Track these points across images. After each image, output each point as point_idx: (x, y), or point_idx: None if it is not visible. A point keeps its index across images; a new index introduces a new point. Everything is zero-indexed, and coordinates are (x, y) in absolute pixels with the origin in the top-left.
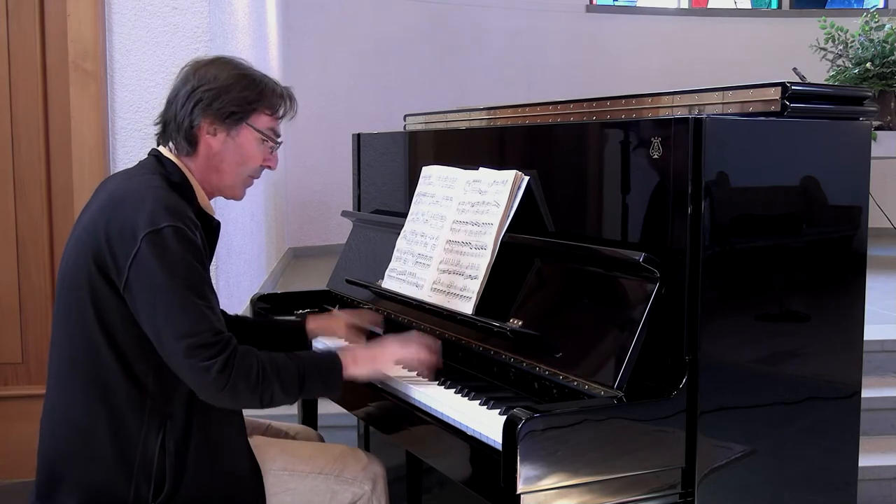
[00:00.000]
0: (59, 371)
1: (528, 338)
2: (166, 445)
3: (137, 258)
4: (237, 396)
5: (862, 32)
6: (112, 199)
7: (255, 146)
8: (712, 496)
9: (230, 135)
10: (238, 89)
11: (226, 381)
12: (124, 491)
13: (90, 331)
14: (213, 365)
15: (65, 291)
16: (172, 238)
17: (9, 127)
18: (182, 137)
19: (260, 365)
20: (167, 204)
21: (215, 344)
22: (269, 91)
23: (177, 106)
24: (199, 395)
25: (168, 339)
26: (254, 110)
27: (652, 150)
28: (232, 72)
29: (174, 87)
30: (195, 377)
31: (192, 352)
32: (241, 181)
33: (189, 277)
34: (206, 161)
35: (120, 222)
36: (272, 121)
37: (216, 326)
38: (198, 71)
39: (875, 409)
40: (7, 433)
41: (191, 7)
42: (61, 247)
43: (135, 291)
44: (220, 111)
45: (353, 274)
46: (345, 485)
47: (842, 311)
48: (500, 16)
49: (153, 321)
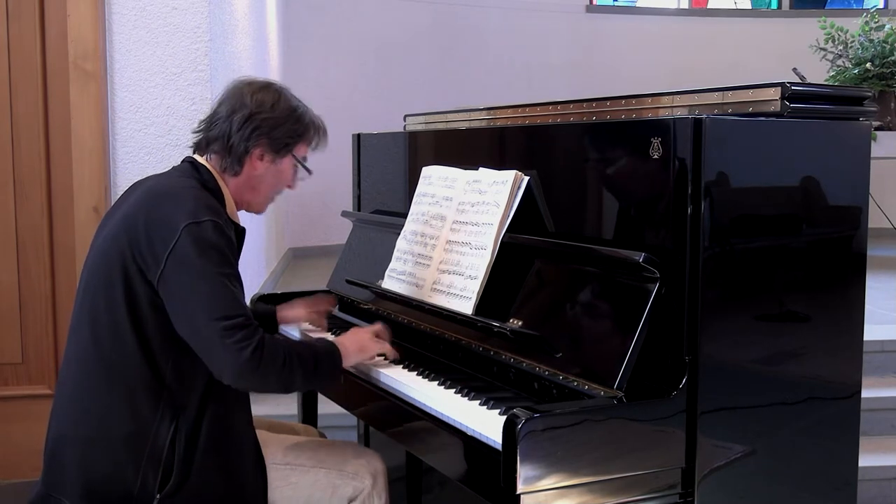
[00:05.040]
0: (82, 354)
1: (528, 338)
2: (177, 437)
3: (176, 247)
4: (266, 379)
5: (862, 32)
6: (152, 195)
7: (291, 172)
8: (712, 496)
9: (275, 162)
10: (291, 122)
11: (258, 362)
12: (131, 479)
13: (117, 317)
14: (249, 345)
15: (94, 279)
16: (211, 230)
17: (9, 127)
18: (233, 158)
19: (286, 351)
20: (207, 203)
21: (249, 326)
22: (314, 126)
23: (231, 127)
24: (229, 376)
25: (204, 322)
26: (299, 142)
27: (652, 151)
28: (287, 104)
29: (228, 106)
30: (230, 357)
31: (228, 332)
32: (269, 200)
33: (225, 265)
34: (247, 181)
35: (160, 215)
36: (308, 151)
37: (248, 312)
38: (254, 95)
39: (875, 409)
40: (7, 433)
41: (191, 7)
42: (61, 247)
43: (171, 280)
44: (276, 141)
45: (353, 274)
46: (346, 479)
47: (842, 311)
48: (501, 16)
49: (189, 306)
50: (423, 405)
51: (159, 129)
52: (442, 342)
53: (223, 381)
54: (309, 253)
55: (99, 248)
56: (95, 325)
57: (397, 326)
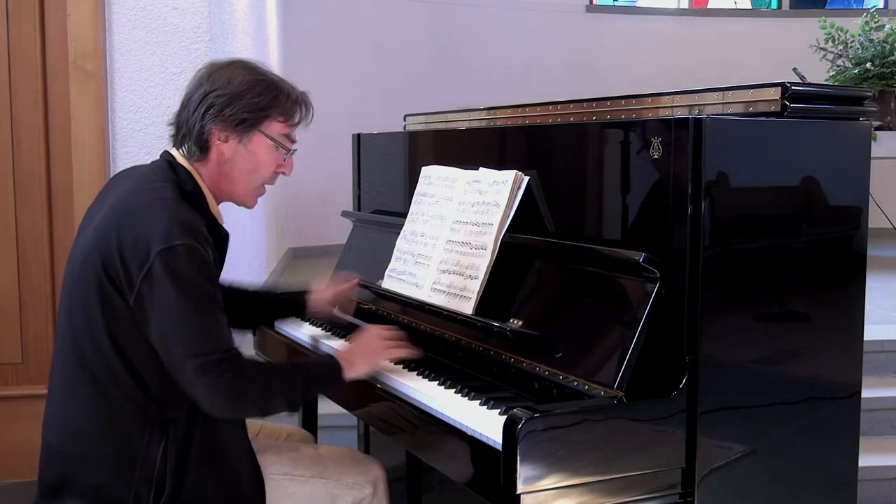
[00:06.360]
0: (64, 372)
1: (528, 338)
2: (168, 451)
3: (150, 274)
4: (243, 410)
5: (862, 32)
6: (126, 208)
7: (267, 153)
8: (712, 496)
9: (241, 142)
10: (251, 95)
11: (235, 396)
12: (124, 495)
13: (97, 334)
14: (221, 382)
15: (72, 295)
16: (185, 257)
17: (9, 127)
18: (193, 143)
19: (266, 380)
20: (181, 219)
21: (223, 361)
22: (284, 97)
23: (189, 110)
24: (207, 409)
25: (178, 358)
26: (266, 117)
27: (652, 151)
28: (246, 76)
29: (188, 90)
30: (205, 394)
31: (201, 369)
32: (252, 189)
33: (200, 297)
34: (218, 167)
35: (134, 234)
36: (286, 127)
37: (225, 344)
38: (212, 74)
39: (875, 409)
40: (7, 433)
41: (191, 7)
42: (61, 247)
43: (146, 307)
44: (231, 118)
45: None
46: (345, 489)
47: (842, 311)
48: (500, 16)
49: (163, 339)
50: (423, 405)
51: (159, 129)
52: (442, 342)
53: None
54: (309, 253)
55: (74, 262)
56: (77, 343)
57: (397, 326)
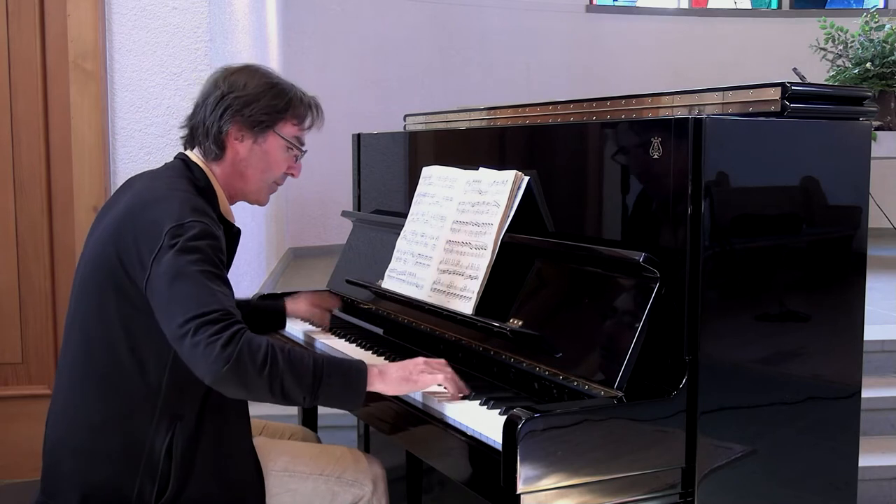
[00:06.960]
0: (73, 365)
1: (528, 338)
2: (174, 446)
3: (160, 252)
4: (244, 378)
5: (862, 32)
6: (140, 201)
7: (280, 153)
8: (712, 496)
9: (257, 142)
10: (267, 98)
11: (230, 356)
12: (128, 489)
13: (110, 327)
14: (218, 340)
15: (85, 288)
16: (195, 229)
17: (9, 127)
18: (211, 142)
19: (270, 349)
20: (194, 205)
21: (221, 321)
22: (297, 101)
23: (206, 111)
24: (206, 376)
25: (180, 321)
26: (281, 119)
27: (652, 151)
28: (261, 80)
29: (203, 92)
30: (202, 352)
31: (202, 328)
32: (265, 187)
33: (207, 263)
34: (233, 166)
35: (148, 220)
36: (298, 130)
37: (226, 307)
38: (228, 77)
39: (875, 409)
40: (7, 433)
41: (191, 7)
42: (61, 247)
43: (154, 283)
44: (249, 118)
45: (353, 274)
46: (346, 486)
47: (842, 311)
48: (500, 16)
49: (169, 308)
50: (423, 405)
51: (159, 129)
52: (442, 342)
53: (206, 382)
54: (309, 253)
55: (88, 257)
56: (87, 338)
57: (397, 326)
